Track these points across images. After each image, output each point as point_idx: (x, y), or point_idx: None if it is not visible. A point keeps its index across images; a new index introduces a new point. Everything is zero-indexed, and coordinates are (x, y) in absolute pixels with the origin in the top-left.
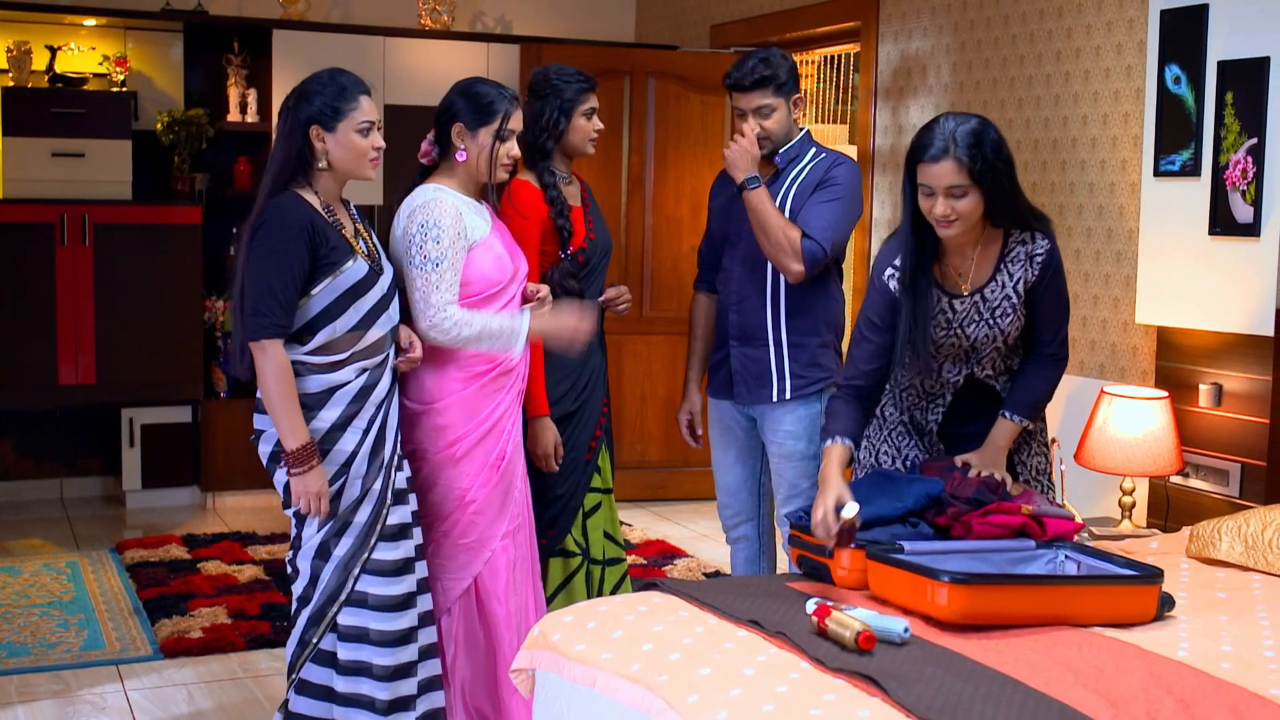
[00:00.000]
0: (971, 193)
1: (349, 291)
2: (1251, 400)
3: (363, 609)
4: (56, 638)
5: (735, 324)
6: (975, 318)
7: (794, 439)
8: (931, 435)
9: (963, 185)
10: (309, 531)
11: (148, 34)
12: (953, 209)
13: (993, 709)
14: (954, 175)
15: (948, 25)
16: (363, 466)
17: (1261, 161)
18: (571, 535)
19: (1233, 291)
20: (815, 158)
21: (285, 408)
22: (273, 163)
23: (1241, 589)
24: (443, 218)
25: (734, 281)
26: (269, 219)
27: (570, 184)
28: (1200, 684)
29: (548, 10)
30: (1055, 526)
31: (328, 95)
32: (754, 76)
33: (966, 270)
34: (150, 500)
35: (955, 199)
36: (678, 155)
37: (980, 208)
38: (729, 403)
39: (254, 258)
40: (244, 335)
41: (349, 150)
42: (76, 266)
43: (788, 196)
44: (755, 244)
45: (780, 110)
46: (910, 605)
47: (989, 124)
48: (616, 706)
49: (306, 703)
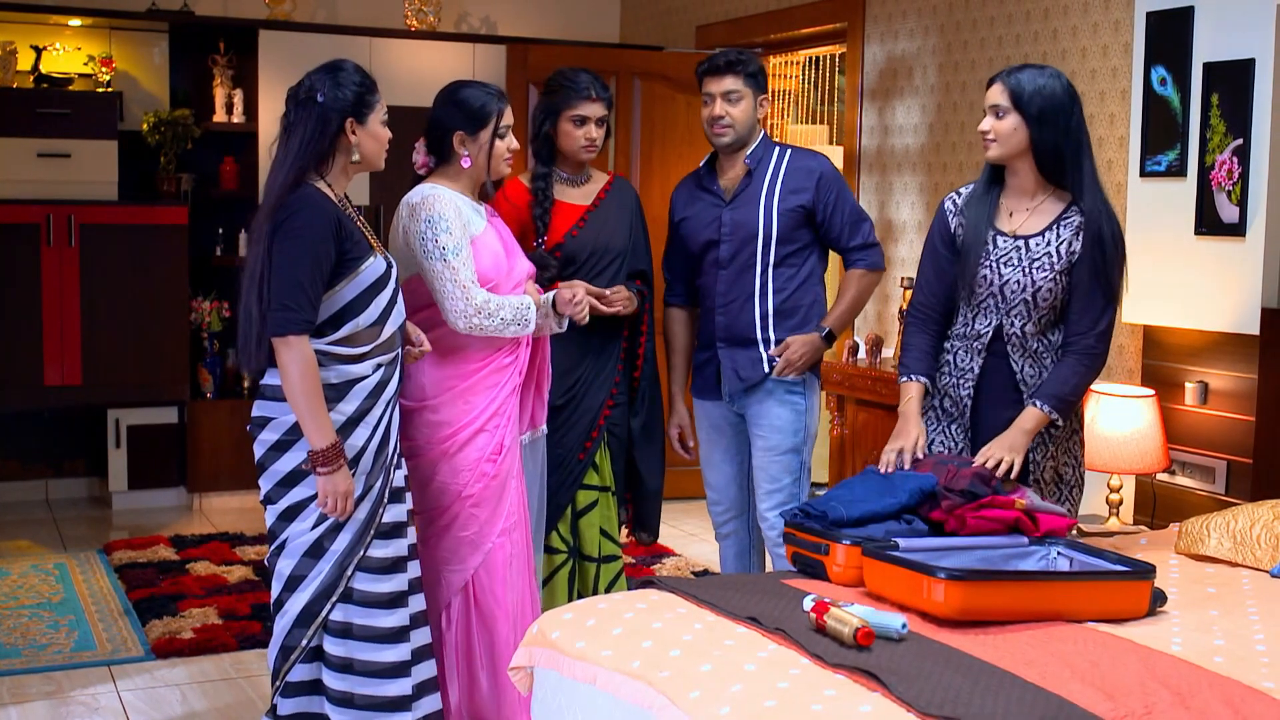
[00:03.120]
0: (1010, 116)
1: (371, 287)
2: (1237, 398)
3: (348, 604)
4: (47, 639)
5: (723, 325)
6: (1014, 261)
7: (779, 433)
8: (964, 419)
9: (1003, 106)
10: (301, 527)
11: (133, 34)
12: (992, 127)
13: (992, 702)
14: (998, 96)
15: (934, 26)
16: (369, 464)
17: (1247, 162)
18: (558, 532)
19: (1218, 291)
20: (782, 155)
21: (312, 405)
22: (294, 154)
23: (1231, 584)
24: (446, 210)
25: (719, 284)
26: (296, 212)
27: (581, 185)
28: (1194, 677)
29: (533, 11)
30: (1048, 522)
31: (360, 88)
32: (726, 58)
33: (1020, 216)
34: (136, 501)
35: (997, 119)
36: (663, 156)
37: (1021, 139)
38: (713, 402)
39: (280, 251)
40: (268, 329)
41: (376, 141)
42: (62, 267)
43: (772, 198)
44: (741, 246)
45: (747, 100)
46: (906, 602)
47: (1060, 77)
48: (618, 703)
49: (293, 701)
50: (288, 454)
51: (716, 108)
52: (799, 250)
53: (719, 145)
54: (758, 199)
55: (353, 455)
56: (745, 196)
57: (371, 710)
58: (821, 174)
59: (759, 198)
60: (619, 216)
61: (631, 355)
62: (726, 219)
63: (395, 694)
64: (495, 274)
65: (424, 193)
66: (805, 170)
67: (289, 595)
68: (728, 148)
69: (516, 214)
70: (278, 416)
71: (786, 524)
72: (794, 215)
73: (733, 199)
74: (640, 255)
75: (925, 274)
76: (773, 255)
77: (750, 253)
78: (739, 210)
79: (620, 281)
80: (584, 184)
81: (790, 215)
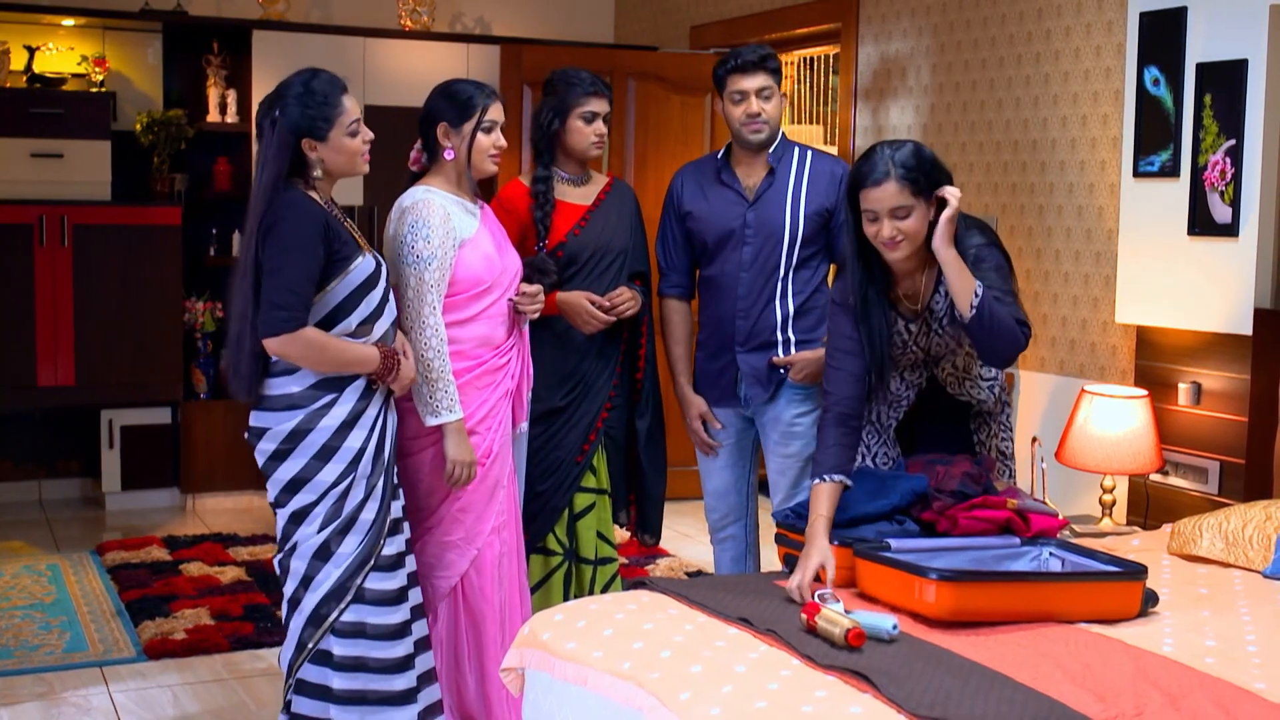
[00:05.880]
0: (915, 211)
1: (361, 286)
2: (1230, 399)
3: (360, 604)
4: (39, 640)
5: (744, 330)
6: (926, 330)
7: (799, 439)
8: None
9: (907, 205)
10: (308, 531)
11: (126, 34)
12: (898, 230)
13: (983, 703)
14: (897, 196)
15: (927, 27)
16: (368, 466)
17: (1240, 162)
18: (555, 534)
19: (1211, 291)
20: (804, 156)
21: (343, 354)
22: (264, 173)
23: (1223, 585)
24: (431, 217)
25: (739, 287)
26: (284, 215)
27: (581, 185)
28: (1186, 678)
29: (527, 11)
30: (1039, 522)
31: (313, 105)
32: (758, 54)
33: (915, 293)
34: (130, 502)
35: (900, 220)
36: (658, 156)
37: (924, 227)
38: (721, 408)
39: (270, 254)
40: (260, 330)
41: (343, 154)
42: (55, 267)
43: (799, 199)
44: (764, 246)
45: (776, 97)
46: (898, 603)
47: (922, 145)
48: (608, 704)
49: (306, 703)
50: (287, 461)
51: (753, 105)
52: (817, 253)
53: (752, 143)
54: (783, 200)
55: (351, 457)
56: (769, 197)
57: (380, 705)
58: (843, 179)
59: (784, 199)
60: (620, 216)
61: (632, 357)
62: (751, 218)
63: (403, 688)
64: (488, 275)
65: (416, 196)
66: (829, 174)
67: (304, 592)
68: (760, 146)
69: (515, 219)
70: (273, 426)
71: (778, 525)
72: (818, 218)
73: (756, 199)
74: (640, 256)
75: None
76: (796, 257)
77: (774, 254)
78: (763, 210)
79: (621, 282)
80: (584, 184)
81: (815, 218)
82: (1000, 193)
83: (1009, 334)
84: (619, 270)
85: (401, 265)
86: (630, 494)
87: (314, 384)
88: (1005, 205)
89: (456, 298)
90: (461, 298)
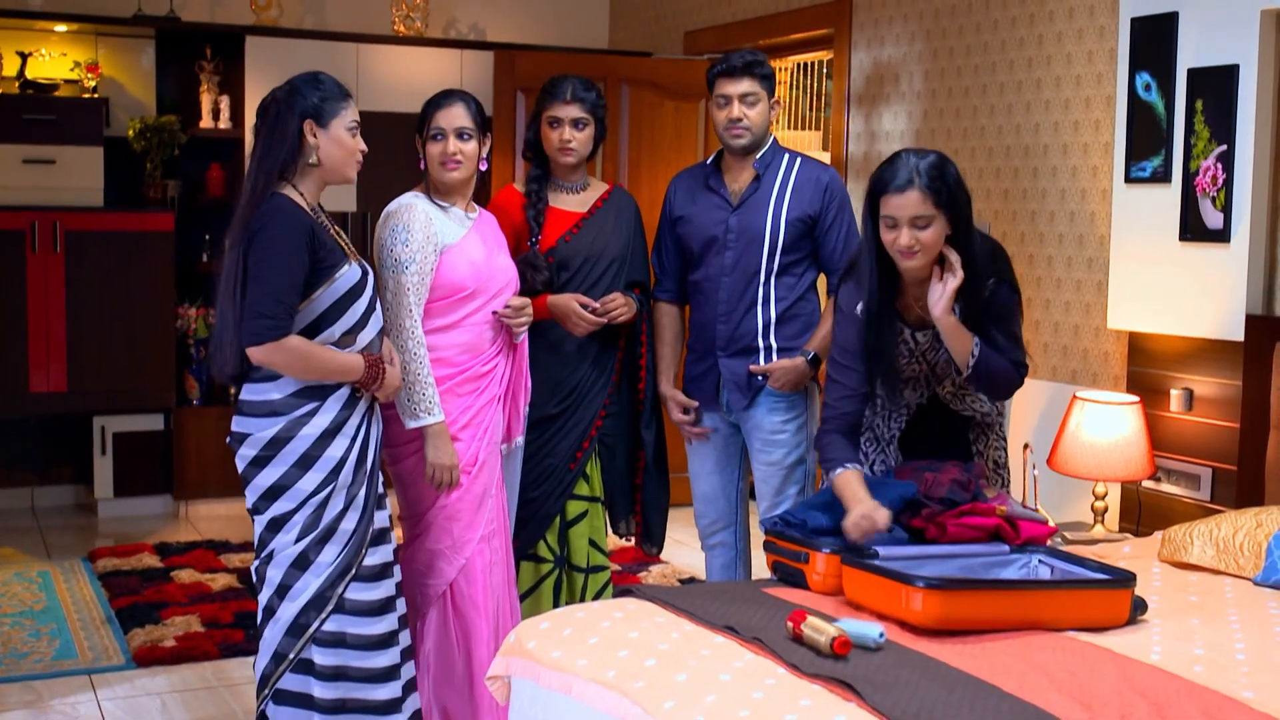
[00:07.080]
0: (935, 223)
1: (347, 294)
2: (1222, 405)
3: (340, 614)
4: (28, 648)
5: (724, 335)
6: (936, 344)
7: (780, 446)
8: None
9: (927, 215)
10: (285, 539)
11: (119, 40)
12: (917, 240)
13: (968, 713)
14: (919, 205)
15: (920, 32)
16: (349, 476)
17: (1231, 168)
18: (546, 541)
19: (1203, 297)
20: (792, 163)
21: (329, 369)
22: (258, 159)
23: (1213, 593)
24: (413, 222)
25: (720, 292)
26: (269, 222)
27: (577, 192)
28: (1173, 687)
29: (521, 17)
30: (1028, 529)
31: (321, 92)
32: (744, 60)
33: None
34: (122, 509)
35: (919, 229)
36: (651, 162)
37: (941, 239)
38: (707, 412)
39: (255, 261)
40: (244, 338)
41: (340, 148)
42: (48, 274)
43: (780, 206)
44: (744, 254)
45: (762, 103)
46: (885, 610)
47: (948, 158)
48: (593, 713)
49: (287, 712)
50: (267, 469)
51: (735, 110)
52: (800, 260)
53: (734, 148)
54: (765, 206)
55: (331, 467)
56: (753, 202)
57: (364, 714)
58: (829, 186)
59: (767, 204)
60: (616, 224)
61: (631, 367)
62: (733, 224)
63: (386, 698)
64: (472, 281)
65: (402, 202)
66: (814, 181)
67: (279, 601)
68: (742, 151)
69: (508, 222)
70: (255, 432)
71: (766, 532)
72: (800, 225)
73: (740, 204)
74: (638, 265)
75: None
76: (776, 263)
77: (754, 260)
78: (745, 215)
79: (617, 290)
80: (580, 192)
81: (796, 225)
82: (992, 198)
83: (1005, 379)
84: (614, 278)
85: (382, 269)
86: (636, 504)
87: (294, 392)
88: (997, 211)
89: (439, 303)
90: (444, 303)
